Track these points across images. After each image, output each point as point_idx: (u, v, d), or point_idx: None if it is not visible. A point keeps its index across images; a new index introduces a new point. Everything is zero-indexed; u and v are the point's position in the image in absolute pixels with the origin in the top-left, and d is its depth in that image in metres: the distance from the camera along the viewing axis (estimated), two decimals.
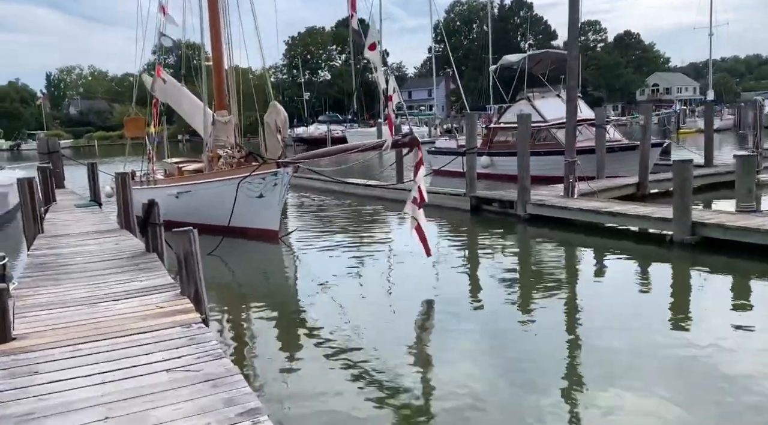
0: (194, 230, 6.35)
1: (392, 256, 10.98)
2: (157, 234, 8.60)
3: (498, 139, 20.26)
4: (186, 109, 14.60)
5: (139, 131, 14.79)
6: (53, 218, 12.31)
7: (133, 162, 19.23)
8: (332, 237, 12.66)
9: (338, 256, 10.98)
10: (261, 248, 11.56)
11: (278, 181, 11.14)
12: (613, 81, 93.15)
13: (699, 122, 52.83)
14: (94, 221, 11.89)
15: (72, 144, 73.65)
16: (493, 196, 13.96)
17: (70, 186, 19.40)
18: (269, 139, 11.97)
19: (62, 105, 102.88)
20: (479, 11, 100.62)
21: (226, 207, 11.07)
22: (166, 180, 13.46)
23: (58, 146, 18.86)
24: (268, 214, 11.40)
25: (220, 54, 12.95)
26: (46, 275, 7.30)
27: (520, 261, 10.49)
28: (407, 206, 8.65)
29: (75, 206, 14.21)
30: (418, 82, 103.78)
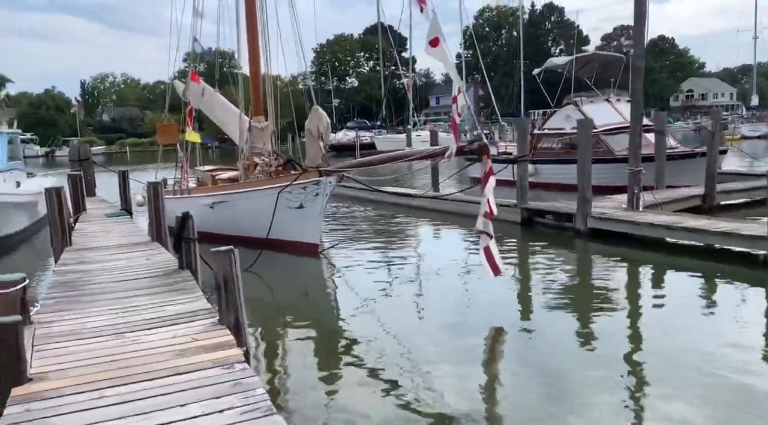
0: (235, 249, 5.61)
1: (439, 272, 10.13)
2: (192, 250, 7.91)
3: (542, 146, 19.25)
4: (219, 115, 13.99)
5: (172, 137, 14.22)
6: (82, 229, 11.77)
7: (164, 170, 18.77)
8: (375, 251, 11.87)
9: (382, 271, 10.19)
10: (301, 262, 10.83)
11: (320, 191, 10.38)
12: (646, 87, 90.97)
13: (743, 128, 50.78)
14: (125, 232, 11.31)
15: (104, 150, 74.59)
16: (547, 208, 12.89)
17: (102, 194, 19.02)
18: (310, 146, 11.24)
19: (96, 112, 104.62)
20: (509, 17, 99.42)
21: (264, 219, 10.37)
22: (199, 189, 12.82)
23: (90, 153, 18.48)
24: (308, 226, 10.67)
25: (258, 59, 12.30)
26: (70, 297, 6.63)
27: (580, 280, 9.53)
28: (479, 221, 7.74)
29: (105, 216, 13.70)
30: (445, 88, 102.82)
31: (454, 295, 8.86)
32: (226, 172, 13.92)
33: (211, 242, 11.89)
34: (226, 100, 14.65)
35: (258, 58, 12.24)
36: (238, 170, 12.90)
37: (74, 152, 18.24)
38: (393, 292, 9.12)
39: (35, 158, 71.27)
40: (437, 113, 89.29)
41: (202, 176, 14.12)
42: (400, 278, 9.87)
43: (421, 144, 51.03)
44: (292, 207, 10.52)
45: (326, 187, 10.39)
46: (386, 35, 69.57)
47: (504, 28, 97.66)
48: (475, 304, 8.32)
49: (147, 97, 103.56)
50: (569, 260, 10.68)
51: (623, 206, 11.92)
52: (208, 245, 9.11)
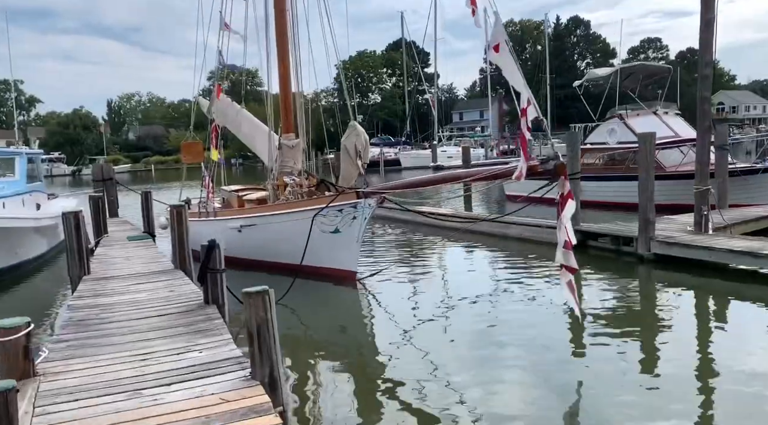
0: (270, 290, 4.76)
1: (486, 300, 9.18)
2: (218, 282, 7.10)
3: (584, 161, 18.17)
4: (246, 132, 13.29)
5: (197, 156, 13.54)
6: (103, 255, 11.10)
7: (188, 188, 18.16)
8: (415, 277, 10.88)
9: (424, 300, 9.26)
10: (336, 292, 9.90)
11: (358, 214, 9.54)
12: (675, 99, 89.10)
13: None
14: (147, 258, 10.60)
15: (130, 169, 75.19)
16: (602, 230, 11.69)
17: (125, 214, 18.49)
18: (346, 165, 10.45)
19: (122, 131, 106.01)
20: (532, 31, 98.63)
21: (297, 244, 9.58)
22: (226, 211, 12.06)
23: (113, 173, 17.97)
24: (344, 252, 9.83)
25: (288, 73, 11.58)
26: (83, 340, 5.86)
27: (643, 312, 8.47)
28: (558, 253, 6.80)
29: (127, 239, 13.05)
30: (468, 103, 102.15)
31: (502, 326, 7.99)
32: (253, 192, 13.16)
33: (238, 267, 11.11)
34: (254, 117, 13.99)
35: (288, 73, 11.52)
36: (267, 191, 12.14)
37: (97, 171, 17.77)
38: (436, 324, 8.24)
39: (63, 176, 72.26)
40: (461, 129, 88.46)
41: (228, 197, 13.37)
42: (443, 307, 8.95)
43: (447, 160, 50.23)
44: (327, 232, 9.71)
45: (365, 210, 9.48)
46: (409, 51, 69.40)
47: (528, 42, 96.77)
48: (525, 337, 7.44)
49: (172, 115, 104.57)
50: (629, 290, 9.60)
51: (688, 228, 10.78)
52: (235, 271, 8.32)
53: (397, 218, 16.84)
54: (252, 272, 10.66)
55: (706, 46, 9.80)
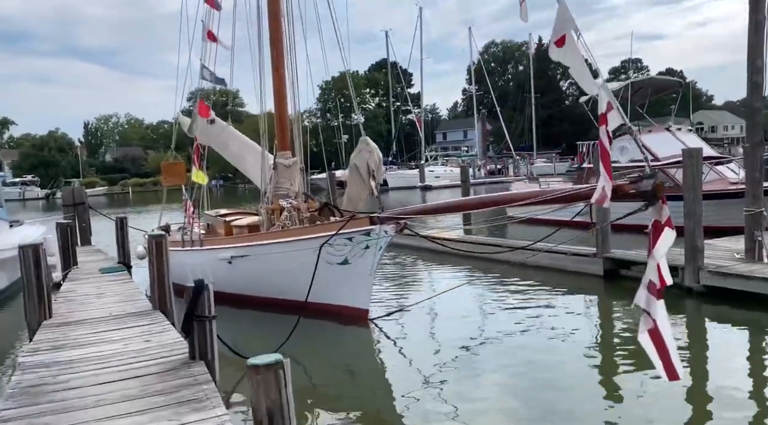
0: (285, 360, 3.47)
1: (513, 340, 7.97)
2: (207, 333, 5.77)
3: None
4: (235, 151, 11.99)
5: (179, 177, 12.16)
6: (70, 292, 9.67)
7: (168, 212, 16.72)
8: (437, 315, 9.43)
9: (447, 342, 7.91)
10: (345, 333, 8.55)
11: (371, 243, 8.23)
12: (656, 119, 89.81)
13: None
14: (121, 295, 9.21)
15: (106, 191, 72.99)
16: (637, 258, 10.23)
17: (99, 241, 16.96)
18: (355, 185, 9.21)
19: (98, 153, 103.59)
20: (514, 52, 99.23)
21: (299, 277, 8.30)
22: (214, 240, 10.69)
23: (85, 197, 16.48)
24: (354, 287, 8.46)
25: (283, 85, 10.34)
26: (31, 418, 4.47)
27: (698, 355, 7.29)
28: (639, 295, 5.51)
29: (99, 272, 11.60)
30: (452, 124, 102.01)
31: (533, 370, 6.84)
32: (243, 217, 11.79)
33: (228, 304, 9.69)
34: (241, 134, 12.70)
35: (283, 84, 10.31)
36: (258, 215, 10.82)
37: (67, 195, 16.30)
38: (460, 369, 7.04)
39: (36, 200, 69.71)
40: (445, 148, 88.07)
41: (213, 222, 11.98)
42: (467, 349, 7.68)
43: (435, 180, 49.29)
44: (334, 263, 8.37)
45: (380, 238, 8.15)
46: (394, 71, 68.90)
47: (510, 62, 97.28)
48: (561, 388, 6.33)
49: (150, 136, 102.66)
50: (675, 326, 8.32)
51: (737, 255, 9.65)
52: (224, 307, 6.99)
53: (410, 245, 15.00)
54: (244, 311, 9.31)
55: (755, 51, 8.82)
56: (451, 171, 55.21)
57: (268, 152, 10.48)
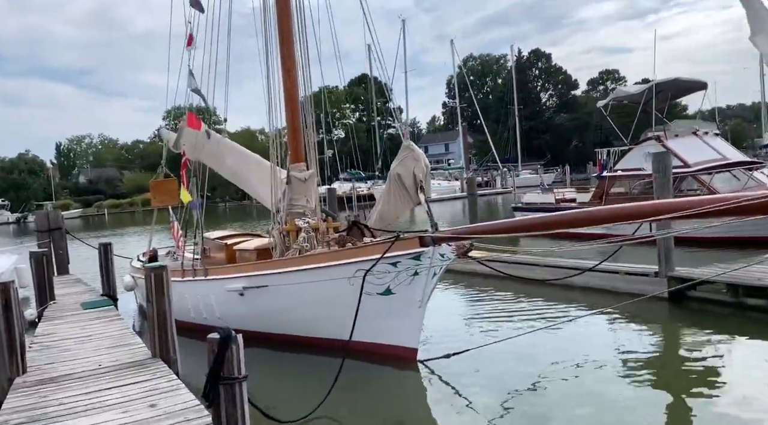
0: None
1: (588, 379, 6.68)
2: (238, 400, 4.44)
3: (615, 191, 16.14)
4: (233, 166, 10.56)
5: (170, 197, 10.69)
6: (48, 335, 8.19)
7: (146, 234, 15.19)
8: (499, 354, 7.46)
9: (511, 386, 6.60)
10: (388, 378, 7.04)
11: (422, 268, 6.74)
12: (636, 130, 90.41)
13: None
14: (111, 338, 7.77)
15: (81, 214, 70.43)
16: (705, 276, 8.86)
17: (77, 270, 15.37)
18: (395, 200, 7.87)
19: (72, 174, 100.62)
20: (492, 65, 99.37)
21: (330, 311, 6.95)
22: (222, 268, 9.03)
23: (62, 221, 14.88)
24: (400, 322, 6.99)
25: (296, 89, 9.01)
26: None
27: None
28: None
29: (81, 307, 10.10)
30: (433, 137, 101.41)
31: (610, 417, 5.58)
32: (247, 239, 10.34)
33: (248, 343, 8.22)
34: (239, 146, 11.34)
35: (295, 86, 8.99)
36: (268, 238, 9.41)
37: (41, 220, 14.67)
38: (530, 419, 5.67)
39: (6, 224, 66.82)
40: None
41: (212, 246, 10.52)
42: (535, 393, 6.37)
43: None
44: (374, 293, 6.92)
45: (434, 263, 6.68)
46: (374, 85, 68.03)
47: (488, 76, 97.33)
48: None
49: (125, 157, 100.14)
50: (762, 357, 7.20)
51: None
52: None
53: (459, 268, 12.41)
54: (261, 351, 7.87)
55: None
56: (439, 184, 54.20)
57: (278, 165, 9.11)
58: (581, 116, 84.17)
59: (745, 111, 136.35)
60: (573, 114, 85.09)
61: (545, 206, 18.01)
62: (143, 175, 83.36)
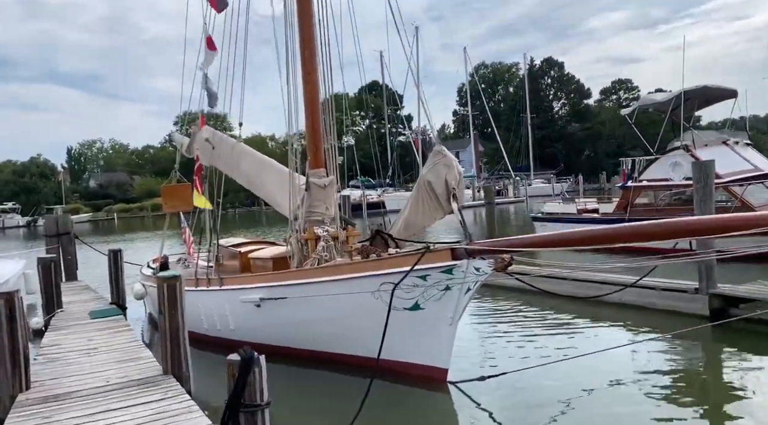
0: None
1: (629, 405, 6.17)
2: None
3: (640, 201, 15.62)
4: (249, 171, 10.16)
5: (184, 202, 10.30)
6: (54, 345, 7.82)
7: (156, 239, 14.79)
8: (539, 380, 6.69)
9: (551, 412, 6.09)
10: (417, 398, 6.46)
11: (454, 283, 6.18)
12: (649, 139, 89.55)
13: None
14: (119, 351, 7.38)
15: (91, 218, 70.49)
16: (749, 294, 8.31)
17: (86, 276, 15.04)
18: (423, 208, 7.41)
19: (82, 179, 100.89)
20: (504, 73, 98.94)
21: (354, 326, 6.52)
22: (237, 278, 8.53)
23: (71, 226, 14.58)
24: (429, 340, 6.47)
25: (316, 91, 8.60)
26: None
27: None
28: None
29: (89, 316, 9.75)
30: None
31: None
32: (261, 247, 9.93)
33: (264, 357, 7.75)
34: (254, 151, 10.94)
35: (315, 87, 8.60)
36: (284, 247, 8.98)
37: (50, 225, 14.40)
38: None
39: (16, 228, 66.90)
40: None
41: (225, 254, 10.12)
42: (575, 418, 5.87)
43: None
44: (400, 308, 6.39)
45: (468, 277, 6.10)
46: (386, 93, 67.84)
47: (500, 84, 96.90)
48: None
49: (136, 162, 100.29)
50: None
51: None
52: None
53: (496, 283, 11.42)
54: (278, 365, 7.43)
55: None
56: None
57: (295, 171, 8.67)
58: (594, 126, 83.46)
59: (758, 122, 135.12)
60: (585, 123, 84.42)
61: (567, 217, 17.51)
62: (154, 180, 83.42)
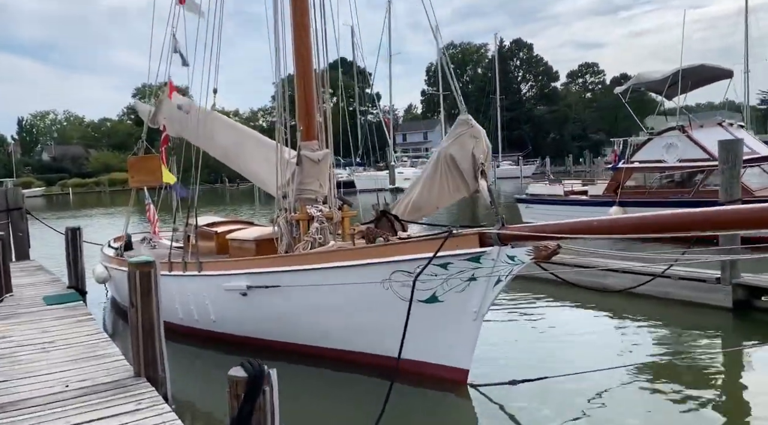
0: None
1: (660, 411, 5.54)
2: None
3: (632, 184, 15.18)
4: (226, 144, 9.06)
5: (152, 176, 9.13)
6: (1, 339, 6.74)
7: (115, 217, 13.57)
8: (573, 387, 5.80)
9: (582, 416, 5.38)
10: (432, 404, 5.64)
11: (481, 272, 5.30)
12: (612, 124, 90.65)
13: None
14: (78, 347, 6.39)
15: (44, 192, 67.24)
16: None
17: (39, 255, 13.76)
18: (439, 186, 6.46)
19: (34, 151, 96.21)
20: (472, 54, 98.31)
21: (360, 320, 5.67)
22: (219, 263, 7.45)
23: (22, 200, 13.23)
24: (448, 336, 5.64)
25: (309, 50, 7.55)
26: None
27: None
28: None
29: (44, 301, 8.65)
30: (411, 125, 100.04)
31: None
32: (239, 227, 8.91)
33: (239, 351, 6.82)
34: (232, 121, 9.87)
35: (308, 46, 7.58)
36: (264, 227, 8.03)
37: (0, 198, 12.98)
38: None
39: None
40: (405, 150, 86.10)
41: (199, 234, 8.97)
42: None
43: (404, 182, 46.94)
44: (416, 300, 5.40)
45: (499, 268, 5.23)
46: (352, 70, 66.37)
47: (468, 65, 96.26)
48: None
49: (92, 135, 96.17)
50: None
51: None
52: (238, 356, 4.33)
53: None
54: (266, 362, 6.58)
55: None
56: None
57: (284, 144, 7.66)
58: (561, 108, 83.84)
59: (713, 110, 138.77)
60: (552, 106, 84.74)
61: (554, 199, 17.00)
62: (111, 154, 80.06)
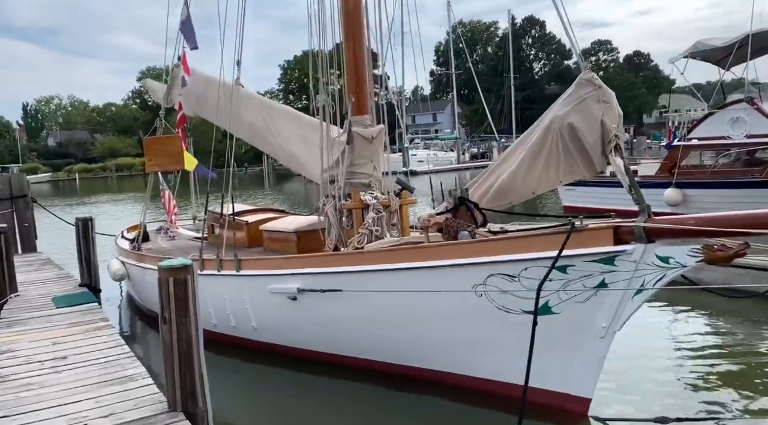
0: None
1: None
2: None
3: (690, 163, 13.97)
4: (254, 121, 7.89)
5: (174, 160, 7.94)
6: (1, 354, 5.69)
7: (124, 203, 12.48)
8: None
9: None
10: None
11: (614, 277, 4.14)
12: (626, 102, 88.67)
13: None
14: (96, 366, 5.34)
15: (50, 178, 66.38)
16: None
17: (47, 246, 12.74)
18: (555, 164, 5.10)
19: (40, 136, 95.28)
20: (482, 32, 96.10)
21: (445, 333, 4.56)
22: (261, 261, 6.21)
23: (28, 188, 12.15)
24: (562, 358, 4.52)
25: (360, 13, 6.32)
26: None
27: None
28: None
29: (53, 303, 7.62)
30: (420, 106, 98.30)
31: None
32: (275, 216, 7.75)
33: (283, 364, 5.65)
34: (268, 100, 8.71)
35: (360, 12, 6.38)
36: (308, 218, 6.91)
37: (4, 185, 11.91)
38: None
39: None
40: (415, 132, 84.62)
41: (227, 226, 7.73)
42: None
43: (418, 164, 45.66)
44: (517, 310, 4.44)
45: (643, 271, 4.06)
46: None
47: (478, 44, 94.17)
48: None
49: (97, 119, 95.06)
50: None
51: None
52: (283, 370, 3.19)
53: None
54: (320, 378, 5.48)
55: None
56: (435, 155, 51.67)
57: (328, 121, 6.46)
58: None
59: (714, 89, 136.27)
60: (565, 85, 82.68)
61: (596, 180, 15.80)
62: (117, 138, 78.99)
